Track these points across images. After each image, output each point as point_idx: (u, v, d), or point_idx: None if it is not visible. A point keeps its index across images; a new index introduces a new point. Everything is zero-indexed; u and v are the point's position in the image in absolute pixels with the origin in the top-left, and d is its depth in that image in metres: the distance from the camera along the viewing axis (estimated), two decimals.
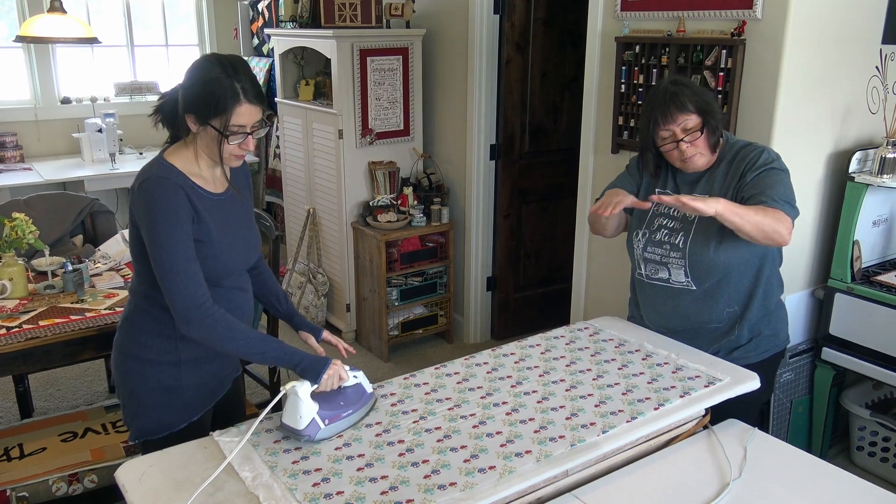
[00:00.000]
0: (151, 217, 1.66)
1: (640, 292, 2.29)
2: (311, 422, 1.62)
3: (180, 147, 1.78)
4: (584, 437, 1.66)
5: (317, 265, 4.38)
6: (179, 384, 1.84)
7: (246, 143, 1.73)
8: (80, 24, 4.07)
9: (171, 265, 1.65)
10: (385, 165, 4.04)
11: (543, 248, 4.32)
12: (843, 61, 2.60)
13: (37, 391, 3.62)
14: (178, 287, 1.65)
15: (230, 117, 1.67)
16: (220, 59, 1.71)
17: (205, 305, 1.67)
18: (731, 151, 2.10)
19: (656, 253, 2.16)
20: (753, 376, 1.94)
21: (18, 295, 2.55)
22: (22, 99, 5.18)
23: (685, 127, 2.00)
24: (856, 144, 2.74)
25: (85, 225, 3.33)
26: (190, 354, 1.83)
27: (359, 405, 1.74)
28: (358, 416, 1.73)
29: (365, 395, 1.78)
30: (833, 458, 2.97)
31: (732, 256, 2.06)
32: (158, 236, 1.65)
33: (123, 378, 1.87)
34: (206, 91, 1.67)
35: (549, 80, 4.03)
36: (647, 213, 2.19)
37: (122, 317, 1.89)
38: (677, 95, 1.99)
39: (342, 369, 1.75)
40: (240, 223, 1.86)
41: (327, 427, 1.65)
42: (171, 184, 1.68)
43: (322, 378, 1.70)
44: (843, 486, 1.67)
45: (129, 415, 1.90)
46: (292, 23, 4.23)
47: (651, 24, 2.81)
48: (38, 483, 2.22)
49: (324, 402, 1.67)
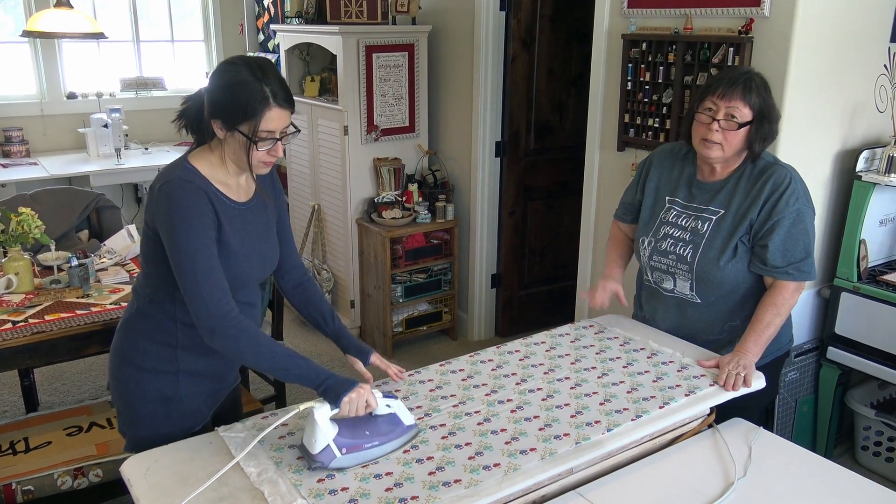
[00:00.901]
0: (174, 221, 1.59)
1: (644, 295, 2.28)
2: (325, 448, 1.52)
3: (205, 151, 1.70)
4: (589, 435, 1.65)
5: (321, 261, 4.38)
6: (178, 395, 1.78)
7: (275, 149, 1.65)
8: (86, 19, 4.07)
9: (194, 272, 1.58)
10: (390, 162, 4.04)
11: (548, 246, 4.32)
12: (850, 60, 2.58)
13: (42, 385, 3.63)
14: (201, 295, 1.58)
15: (259, 122, 1.59)
16: (247, 62, 1.62)
17: (229, 315, 1.59)
18: (755, 167, 2.02)
19: (662, 262, 2.14)
20: (759, 375, 1.94)
21: (24, 289, 2.55)
22: (28, 94, 5.19)
23: (731, 113, 1.91)
24: (863, 143, 2.73)
25: (90, 220, 3.34)
26: (189, 365, 1.77)
27: (389, 437, 1.59)
28: (386, 448, 1.58)
29: (400, 426, 1.62)
30: (838, 458, 2.96)
31: (741, 274, 2.03)
32: (181, 241, 1.58)
33: (120, 385, 1.81)
34: (233, 95, 1.59)
35: (555, 77, 4.02)
36: (654, 217, 2.17)
37: (123, 319, 1.83)
38: (751, 81, 1.91)
39: (371, 395, 1.61)
40: (259, 235, 1.79)
41: (344, 456, 1.53)
42: (194, 187, 1.62)
43: (342, 401, 1.57)
44: (848, 485, 1.66)
45: (124, 424, 1.85)
46: (298, 19, 4.23)
47: (658, 22, 2.80)
48: (43, 477, 2.23)
49: (347, 429, 1.56)
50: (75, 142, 5.26)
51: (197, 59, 5.86)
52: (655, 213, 2.18)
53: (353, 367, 1.92)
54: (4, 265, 2.56)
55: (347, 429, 1.56)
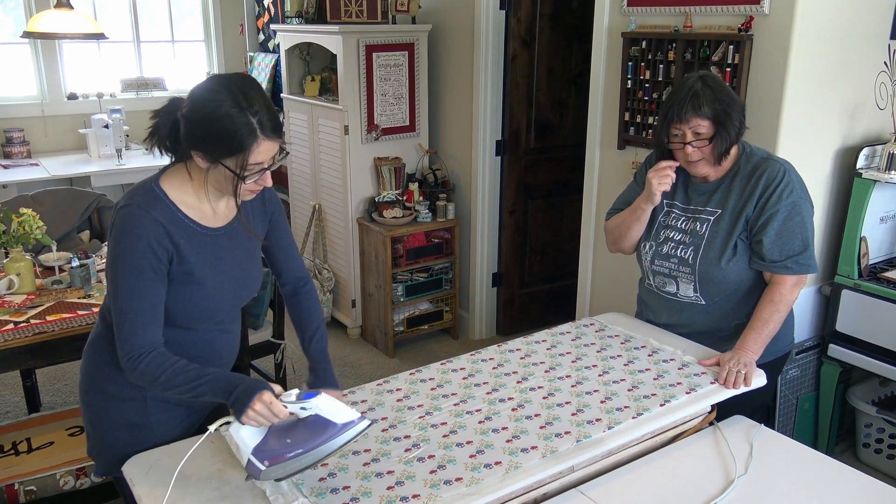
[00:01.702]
0: (115, 252, 1.52)
1: (649, 299, 2.28)
2: (248, 462, 1.43)
3: (181, 173, 1.59)
4: (590, 433, 1.66)
5: (322, 261, 4.39)
6: (147, 422, 1.69)
7: (263, 178, 1.54)
8: (86, 19, 4.07)
9: (121, 306, 1.51)
10: (391, 161, 4.04)
11: (549, 245, 4.32)
12: (850, 57, 2.58)
13: (44, 386, 3.64)
14: (126, 335, 1.51)
15: (248, 157, 1.47)
16: (229, 87, 1.47)
17: (143, 354, 1.51)
18: (748, 164, 2.04)
19: (664, 266, 2.14)
20: (759, 373, 1.94)
21: (26, 290, 2.56)
22: (29, 95, 5.19)
23: (696, 131, 1.95)
24: (863, 140, 2.73)
25: (91, 220, 3.34)
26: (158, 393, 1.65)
27: (316, 442, 1.44)
28: (319, 454, 1.45)
29: (331, 427, 1.45)
30: (839, 455, 2.96)
31: (744, 272, 2.03)
32: (116, 274, 1.51)
33: (87, 410, 1.74)
34: (216, 130, 1.46)
35: (556, 75, 4.02)
36: (653, 223, 2.18)
37: (89, 340, 1.75)
38: (698, 96, 1.92)
39: (276, 401, 1.44)
40: (235, 262, 1.67)
41: (271, 468, 1.42)
42: (149, 219, 1.51)
43: (243, 417, 1.43)
44: (849, 482, 1.67)
45: (92, 448, 1.78)
46: (298, 18, 4.23)
47: (658, 20, 2.80)
48: (45, 477, 2.24)
49: (273, 437, 1.46)
50: (76, 142, 5.27)
51: (197, 59, 5.86)
52: (655, 217, 2.18)
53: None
54: (6, 266, 2.56)
55: (274, 437, 1.46)
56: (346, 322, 4.30)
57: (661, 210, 2.17)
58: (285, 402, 1.45)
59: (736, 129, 1.97)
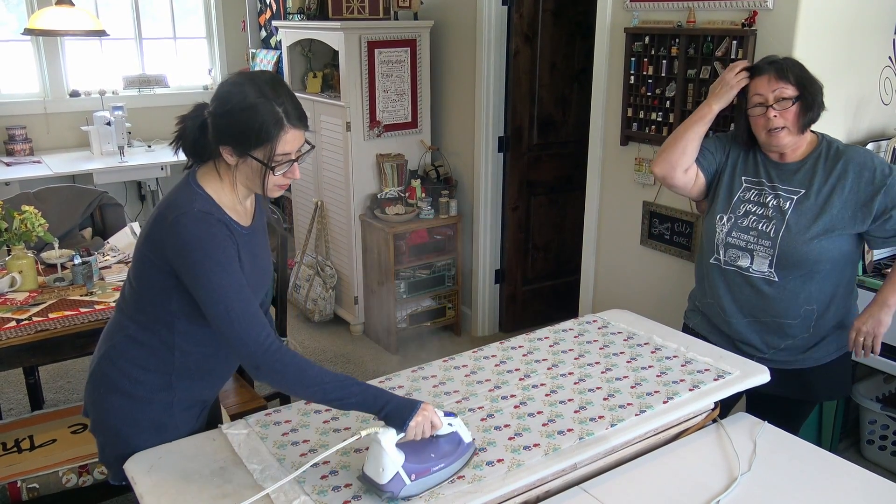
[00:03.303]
0: (197, 258, 1.49)
1: (714, 279, 2.22)
2: (394, 476, 1.41)
3: (212, 174, 1.60)
4: (593, 431, 1.65)
5: (325, 258, 4.38)
6: (173, 421, 1.70)
7: (292, 170, 1.56)
8: (88, 16, 4.08)
9: (227, 311, 1.48)
10: (393, 158, 4.03)
11: (552, 241, 4.31)
12: (855, 52, 2.57)
13: (47, 383, 3.64)
14: (239, 334, 1.48)
15: (276, 147, 1.50)
16: (254, 80, 1.51)
17: (271, 349, 1.48)
18: (829, 149, 2.06)
19: (742, 239, 2.12)
20: (763, 370, 1.93)
21: (28, 287, 2.56)
22: (31, 92, 5.19)
23: (779, 95, 1.98)
24: (868, 136, 2.72)
25: (94, 218, 3.34)
26: (184, 392, 1.70)
27: (453, 458, 1.50)
28: (451, 470, 1.49)
29: (462, 445, 1.52)
30: (843, 452, 2.95)
31: (825, 252, 2.02)
32: (209, 279, 1.48)
33: (105, 414, 1.69)
34: (244, 120, 1.48)
35: (558, 71, 4.01)
36: (732, 196, 2.16)
37: (106, 347, 1.70)
38: (780, 63, 2.00)
39: (434, 415, 1.49)
40: (261, 258, 1.72)
41: (414, 483, 1.43)
42: (214, 220, 1.53)
43: (409, 426, 1.46)
44: (853, 479, 1.66)
45: (111, 454, 1.71)
46: (300, 15, 4.22)
47: (660, 15, 2.79)
48: (48, 475, 2.23)
49: (411, 453, 1.46)
50: (78, 140, 5.27)
51: (199, 56, 5.85)
52: (733, 192, 2.17)
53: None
54: (8, 263, 2.56)
55: (413, 453, 1.46)
56: (348, 319, 4.29)
57: (740, 186, 2.16)
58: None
59: (818, 104, 2.02)
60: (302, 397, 1.55)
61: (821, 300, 2.08)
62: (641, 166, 2.98)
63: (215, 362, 1.74)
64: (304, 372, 1.48)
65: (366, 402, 1.49)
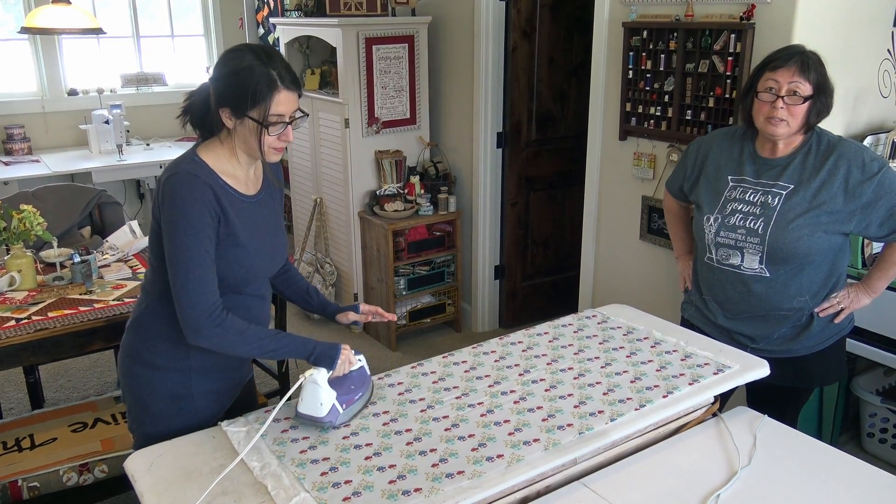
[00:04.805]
0: (173, 215, 1.58)
1: (708, 276, 2.24)
2: (332, 408, 1.63)
3: (214, 144, 1.69)
4: (593, 426, 1.65)
5: (324, 255, 4.38)
6: (189, 392, 1.78)
7: (286, 133, 1.66)
8: (85, 14, 4.07)
9: (185, 271, 1.58)
10: (391, 154, 4.03)
11: (551, 237, 4.31)
12: (853, 45, 2.56)
13: (47, 382, 3.64)
14: (188, 293, 1.58)
15: (269, 106, 1.60)
16: (250, 48, 1.64)
17: (214, 314, 1.60)
18: (820, 143, 2.05)
19: (730, 237, 2.12)
20: (762, 363, 1.93)
21: (27, 286, 2.56)
22: (29, 91, 5.19)
23: (794, 89, 1.95)
24: (867, 129, 2.71)
25: (93, 216, 3.34)
26: (201, 362, 1.77)
27: (366, 387, 1.77)
28: (366, 397, 1.77)
29: (367, 376, 1.81)
30: (843, 445, 2.95)
31: (813, 246, 2.02)
32: (177, 237, 1.58)
33: (130, 383, 1.81)
34: (240, 81, 1.59)
35: (556, 66, 4.00)
36: (719, 196, 2.16)
37: (133, 317, 1.82)
38: (807, 58, 1.96)
39: (351, 354, 1.75)
40: (268, 228, 1.79)
41: (345, 411, 1.67)
42: (199, 182, 1.61)
43: (336, 364, 1.69)
44: (854, 472, 1.66)
45: (134, 422, 1.84)
46: (297, 12, 4.21)
47: (658, 9, 2.78)
48: (48, 473, 2.24)
49: (338, 387, 1.69)
50: (77, 138, 5.27)
51: (197, 53, 5.85)
52: (719, 192, 2.16)
53: (348, 319, 2.01)
54: (7, 263, 2.56)
55: (338, 387, 1.69)
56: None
57: (726, 186, 2.15)
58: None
59: (826, 108, 2.01)
60: (242, 354, 1.73)
61: (812, 291, 2.09)
62: (640, 161, 2.97)
63: None
64: (243, 333, 1.65)
65: (297, 350, 1.70)
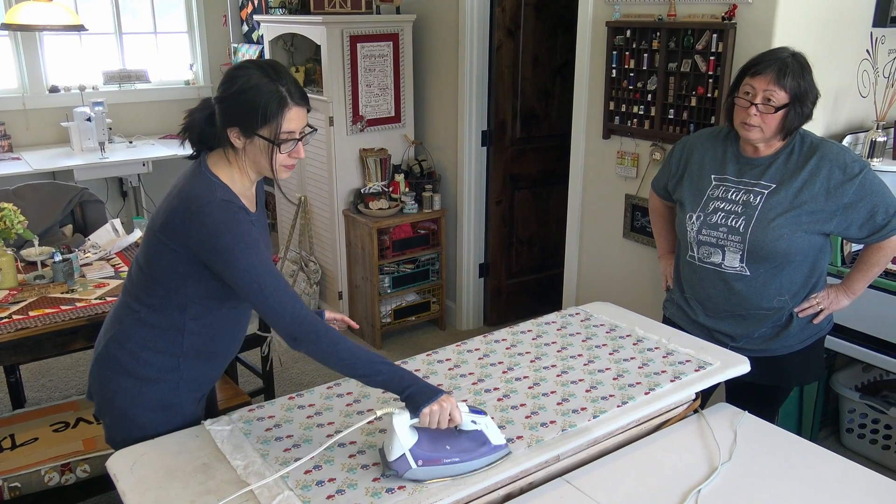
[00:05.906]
0: (226, 243, 1.54)
1: (689, 274, 2.26)
2: (400, 457, 1.45)
3: (222, 162, 1.64)
4: (576, 422, 1.66)
5: (309, 253, 4.37)
6: (178, 401, 1.75)
7: (297, 150, 1.63)
8: (66, 11, 4.03)
9: (261, 289, 1.55)
10: (376, 152, 4.03)
11: (536, 235, 4.33)
12: (833, 45, 2.59)
13: (28, 381, 3.61)
14: (275, 305, 1.55)
15: (280, 124, 1.57)
16: (257, 64, 1.60)
17: (306, 320, 1.56)
18: (803, 144, 2.06)
19: (712, 236, 2.13)
20: (743, 360, 1.95)
21: (8, 285, 2.53)
22: (9, 88, 5.12)
23: (768, 97, 1.95)
24: (846, 128, 2.74)
25: (74, 214, 3.31)
26: (191, 372, 1.75)
27: (471, 455, 1.50)
28: (468, 466, 1.49)
29: (486, 445, 1.51)
30: (823, 441, 2.99)
31: (793, 245, 2.03)
32: (240, 262, 1.54)
33: (114, 396, 1.73)
34: (249, 100, 1.55)
35: (541, 65, 4.02)
36: (702, 194, 2.17)
37: (114, 330, 1.74)
38: (786, 66, 1.95)
39: (455, 408, 1.50)
40: (264, 245, 1.75)
41: (420, 468, 1.46)
42: (235, 207, 1.59)
43: (422, 412, 1.48)
44: (833, 468, 1.68)
45: (118, 434, 1.76)
46: (282, 9, 4.20)
47: (642, 9, 2.80)
48: (30, 473, 2.22)
49: (427, 440, 1.49)
50: (58, 136, 5.21)
51: (181, 50, 5.80)
52: (702, 191, 2.18)
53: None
54: None
55: (429, 441, 1.49)
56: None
57: (709, 185, 2.17)
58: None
59: (804, 116, 2.01)
60: (333, 368, 1.59)
61: (792, 291, 2.11)
62: (623, 159, 2.99)
63: (222, 343, 1.80)
64: (336, 344, 1.56)
65: (391, 382, 1.54)
